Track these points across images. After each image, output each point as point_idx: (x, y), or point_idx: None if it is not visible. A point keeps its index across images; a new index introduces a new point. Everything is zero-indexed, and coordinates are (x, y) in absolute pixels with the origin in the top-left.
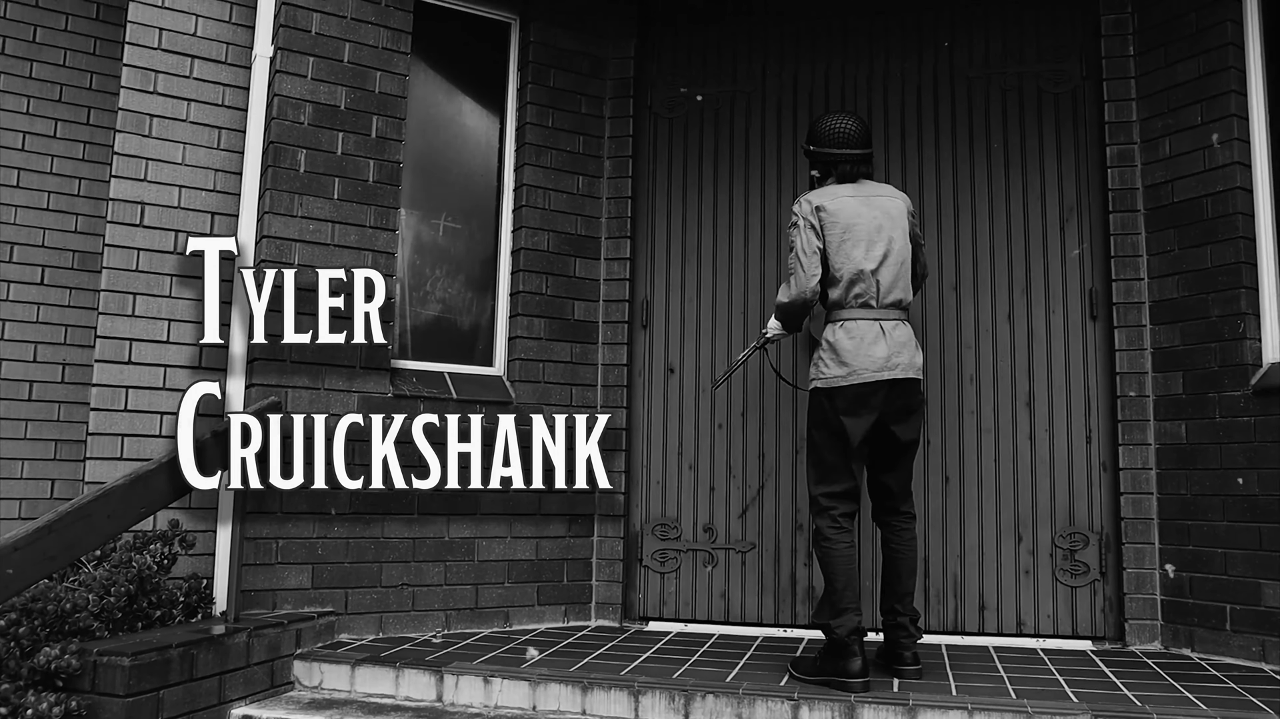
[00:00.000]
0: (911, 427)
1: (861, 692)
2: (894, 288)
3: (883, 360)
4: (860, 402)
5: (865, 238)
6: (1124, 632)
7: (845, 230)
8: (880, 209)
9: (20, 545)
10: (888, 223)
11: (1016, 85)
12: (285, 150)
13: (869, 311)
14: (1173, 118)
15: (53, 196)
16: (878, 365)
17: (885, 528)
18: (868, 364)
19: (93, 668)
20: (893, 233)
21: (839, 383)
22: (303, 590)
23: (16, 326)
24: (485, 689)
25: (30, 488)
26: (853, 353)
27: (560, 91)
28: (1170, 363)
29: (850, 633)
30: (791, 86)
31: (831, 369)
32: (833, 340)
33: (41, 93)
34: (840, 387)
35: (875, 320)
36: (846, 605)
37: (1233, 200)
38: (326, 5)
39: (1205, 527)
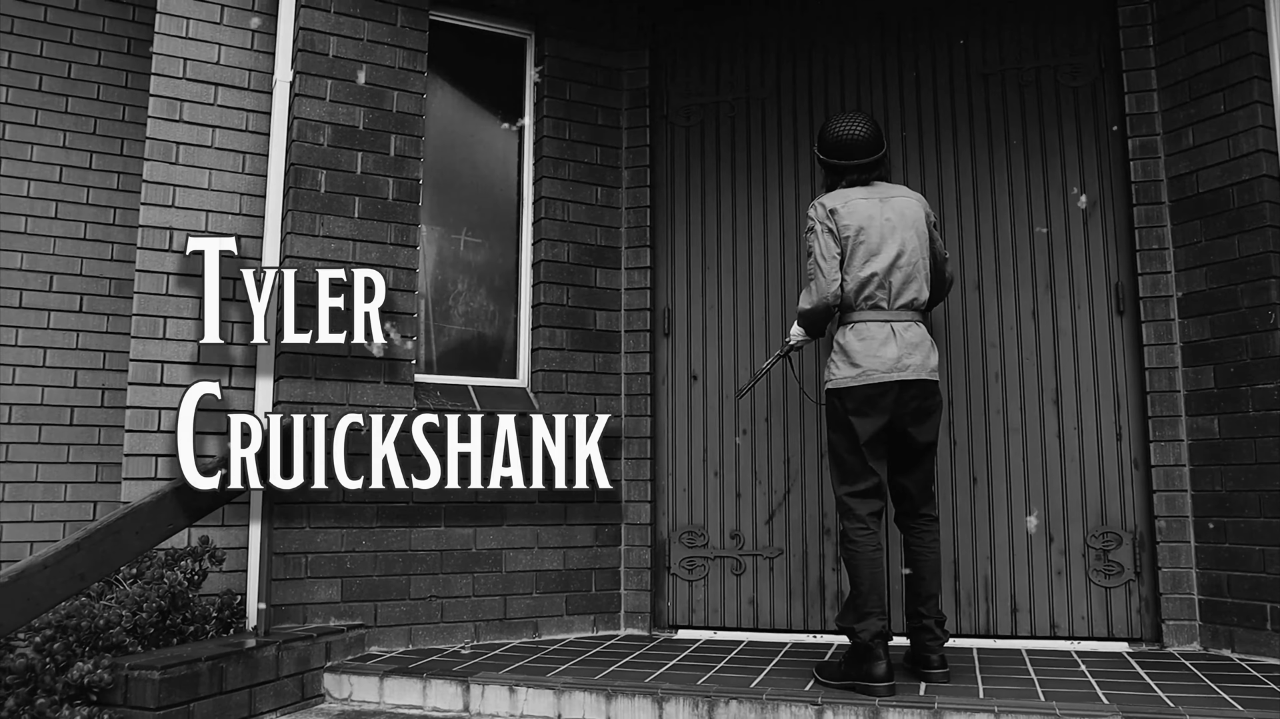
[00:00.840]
0: (929, 428)
1: (886, 695)
2: (906, 289)
3: (893, 361)
4: (870, 402)
5: (877, 239)
6: (1161, 633)
7: (858, 232)
8: (894, 210)
9: (50, 563)
10: (901, 223)
11: (1034, 80)
12: (306, 171)
13: (880, 313)
14: (1195, 107)
15: (89, 226)
16: (888, 366)
17: (907, 531)
18: (878, 365)
19: (124, 682)
20: (905, 234)
21: (849, 383)
22: (332, 604)
23: (58, 354)
24: (511, 698)
25: (74, 510)
26: (862, 354)
27: (576, 104)
28: (1200, 357)
29: (874, 637)
30: (806, 89)
31: (842, 370)
32: (843, 342)
33: (77, 126)
34: (850, 387)
35: (886, 322)
36: (870, 609)
37: (1259, 189)
38: (343, 29)
39: (1242, 523)
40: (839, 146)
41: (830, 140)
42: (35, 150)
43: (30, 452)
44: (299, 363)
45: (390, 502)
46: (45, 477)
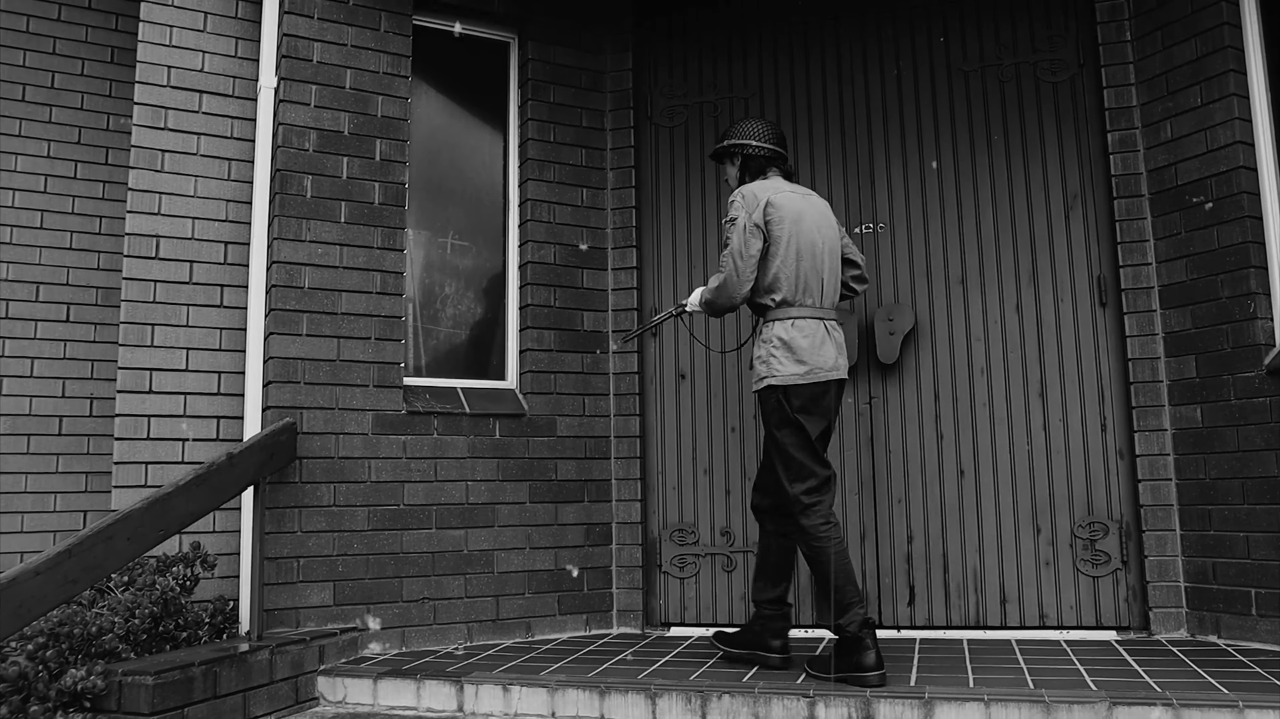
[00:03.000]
0: (833, 422)
1: (878, 685)
2: (834, 287)
3: (833, 359)
4: (815, 400)
5: (814, 235)
6: (1149, 620)
7: (793, 224)
8: (816, 208)
9: (41, 570)
10: (824, 222)
11: (1014, 76)
12: (292, 177)
13: (817, 310)
14: (1172, 100)
15: (75, 236)
16: (830, 364)
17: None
18: (822, 363)
19: (118, 688)
20: (828, 232)
21: (797, 380)
22: (325, 607)
23: (45, 364)
24: (505, 697)
25: (64, 520)
26: (808, 351)
27: (561, 106)
28: (1182, 347)
29: (861, 627)
30: (789, 89)
31: (788, 367)
32: (787, 338)
33: (61, 136)
34: (799, 384)
35: (821, 320)
36: (851, 600)
37: (1237, 180)
38: (327, 34)
39: (1226, 510)
40: (780, 137)
41: (755, 130)
42: (20, 160)
43: (19, 462)
44: (287, 368)
45: (381, 504)
46: (35, 486)
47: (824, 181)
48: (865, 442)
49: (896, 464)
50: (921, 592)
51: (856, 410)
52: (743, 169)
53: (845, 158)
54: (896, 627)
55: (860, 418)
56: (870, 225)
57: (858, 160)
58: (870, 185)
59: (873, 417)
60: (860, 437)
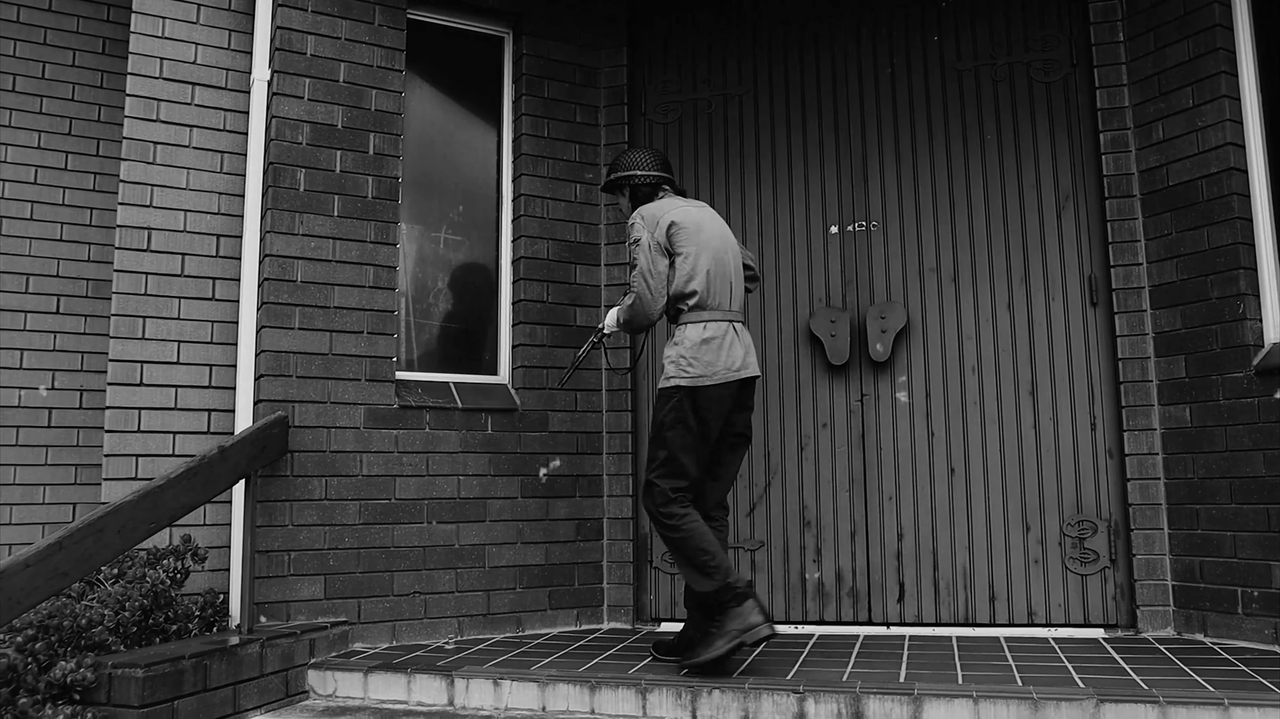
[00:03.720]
0: (748, 422)
1: (770, 635)
2: (738, 291)
3: (740, 359)
4: (719, 401)
5: (717, 243)
6: (1136, 618)
7: (696, 233)
8: (712, 217)
9: (31, 562)
10: (723, 230)
11: (1007, 76)
12: (285, 170)
13: (724, 313)
14: (1164, 101)
15: (66, 227)
16: (737, 364)
17: (708, 520)
18: (729, 363)
19: (108, 680)
20: (728, 239)
21: (704, 382)
22: (316, 601)
23: (35, 355)
24: (495, 691)
25: (52, 513)
26: (715, 352)
27: (555, 102)
28: (1172, 347)
29: (747, 584)
30: (783, 86)
31: (695, 368)
32: (697, 340)
33: (52, 127)
34: (705, 386)
35: (729, 322)
36: (726, 565)
37: (1228, 181)
38: (321, 27)
39: (1214, 510)
40: (665, 163)
41: (655, 157)
42: (10, 151)
43: (8, 454)
44: (279, 361)
45: (373, 498)
46: (23, 478)
47: (816, 179)
48: (856, 439)
49: (887, 461)
50: (911, 589)
51: (848, 408)
52: (632, 198)
53: (838, 155)
54: (886, 623)
55: (851, 415)
56: (863, 223)
57: (850, 158)
58: (863, 183)
59: (864, 414)
60: (851, 434)
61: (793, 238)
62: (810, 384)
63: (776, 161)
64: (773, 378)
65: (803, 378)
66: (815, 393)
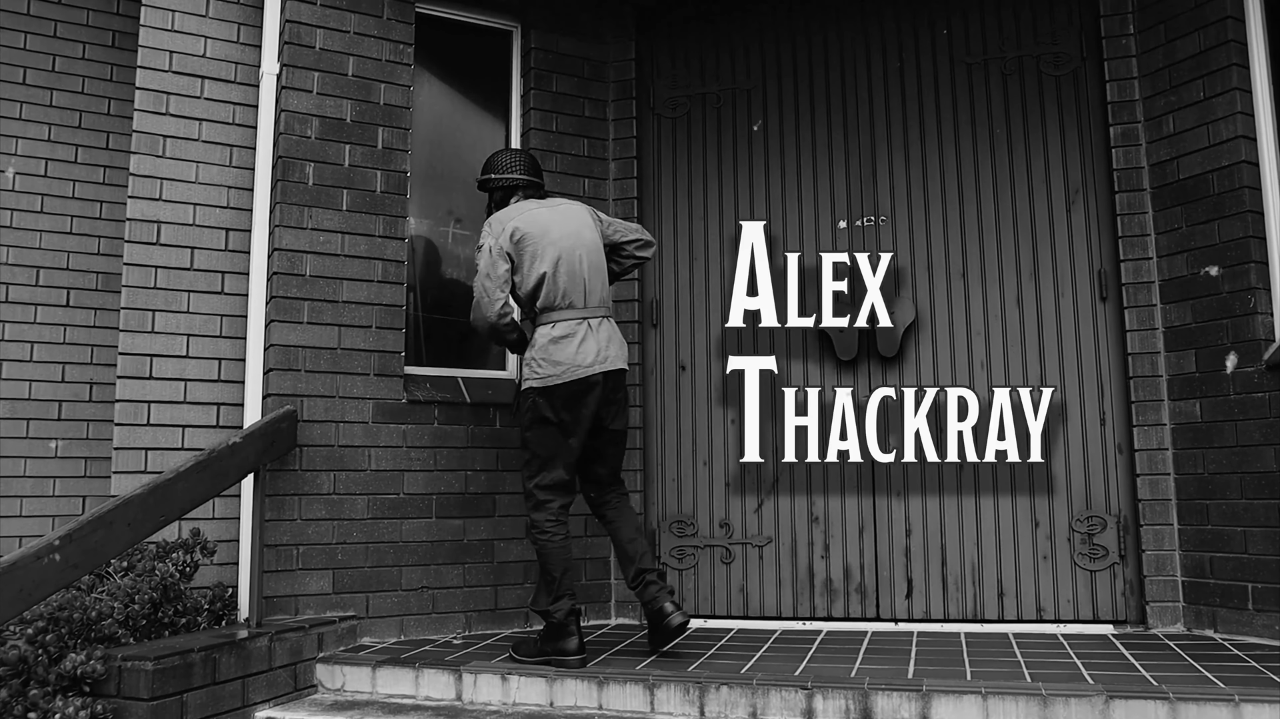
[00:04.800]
0: (623, 417)
1: (579, 667)
2: (600, 286)
3: (593, 355)
4: (575, 397)
5: (562, 244)
6: (1145, 614)
7: (541, 237)
8: (564, 215)
9: (42, 554)
10: (581, 227)
11: (1017, 69)
12: (294, 164)
13: (579, 312)
14: (1175, 95)
15: (75, 220)
16: (588, 360)
17: (602, 506)
18: (580, 360)
19: (118, 672)
20: (588, 237)
21: (554, 381)
22: (324, 595)
23: (45, 348)
24: (503, 687)
25: (63, 505)
26: (565, 351)
27: (563, 96)
28: (1182, 341)
29: (568, 614)
30: (791, 79)
31: (544, 369)
32: (544, 341)
33: (62, 120)
34: (554, 385)
35: (584, 319)
36: (564, 591)
37: (1239, 175)
38: (330, 21)
39: (1224, 505)
40: (530, 165)
41: (518, 159)
42: (20, 144)
43: (18, 446)
44: (288, 355)
45: (381, 493)
46: (34, 471)
47: (825, 173)
48: (864, 435)
49: (895, 457)
50: (920, 585)
51: (856, 403)
52: (490, 198)
53: (847, 149)
54: (894, 619)
55: (860, 410)
56: (871, 218)
57: (859, 152)
58: (872, 177)
59: (871, 410)
60: (859, 430)
61: (801, 232)
62: (819, 380)
63: (785, 156)
64: (782, 373)
65: (811, 373)
66: (824, 388)
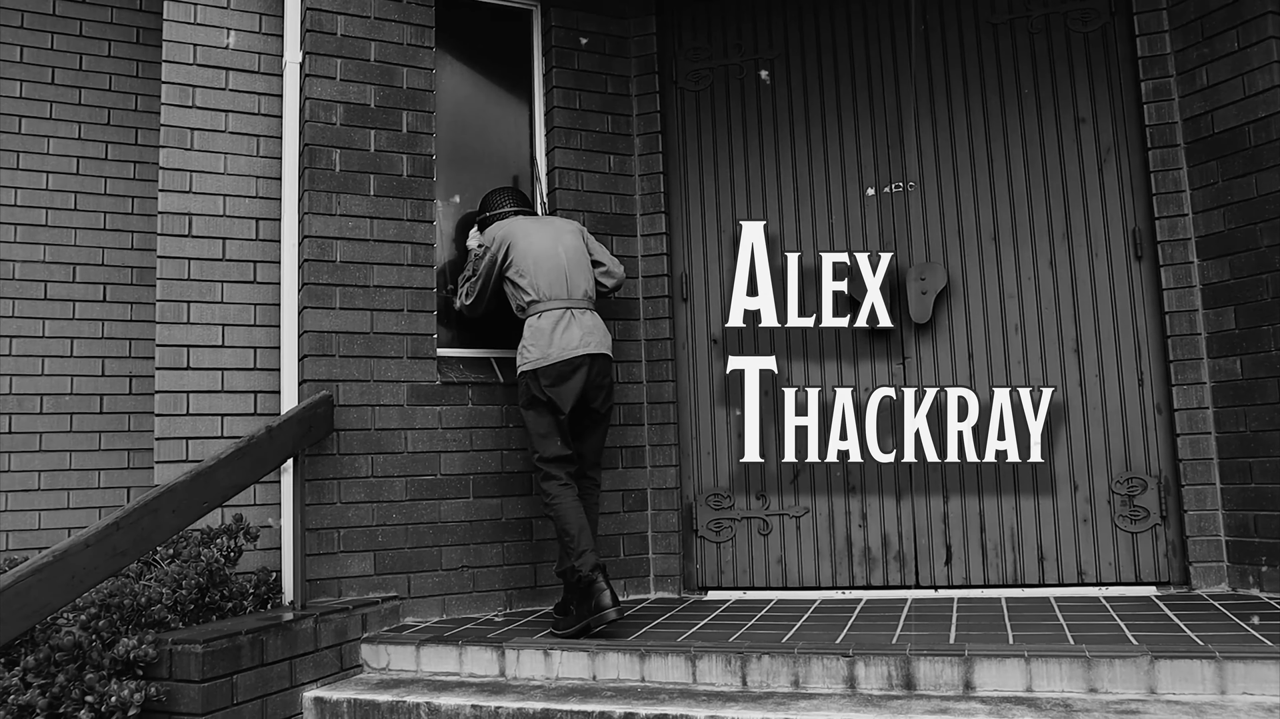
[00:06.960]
0: (606, 399)
1: (617, 619)
2: (583, 281)
3: (577, 340)
4: (562, 377)
5: (544, 247)
6: (1189, 575)
7: (525, 243)
8: (553, 225)
9: (91, 542)
10: (562, 233)
11: (1044, 28)
12: (320, 151)
13: (563, 303)
14: (1208, 46)
15: (109, 216)
16: (573, 344)
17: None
18: (565, 343)
19: (169, 656)
20: (568, 240)
21: (543, 363)
22: (366, 577)
23: (84, 343)
24: (546, 662)
25: (108, 497)
26: (550, 336)
27: (585, 73)
28: (1221, 298)
29: (592, 569)
30: (815, 48)
31: (533, 353)
32: (532, 329)
33: (91, 118)
34: (543, 367)
35: (567, 309)
36: (584, 547)
37: (1276, 126)
38: (350, 7)
39: (1267, 463)
40: (521, 196)
41: (515, 194)
42: (52, 143)
43: (63, 440)
44: (322, 341)
45: (419, 474)
46: (79, 464)
47: (851, 140)
48: (898, 402)
49: (930, 424)
50: (959, 551)
51: (890, 370)
52: (480, 225)
53: (873, 116)
54: (934, 586)
55: (894, 377)
56: (900, 184)
57: (886, 118)
58: (900, 143)
59: (906, 376)
60: (894, 398)
61: (829, 201)
62: (851, 348)
63: (810, 125)
64: (814, 343)
65: (844, 342)
66: (856, 357)
